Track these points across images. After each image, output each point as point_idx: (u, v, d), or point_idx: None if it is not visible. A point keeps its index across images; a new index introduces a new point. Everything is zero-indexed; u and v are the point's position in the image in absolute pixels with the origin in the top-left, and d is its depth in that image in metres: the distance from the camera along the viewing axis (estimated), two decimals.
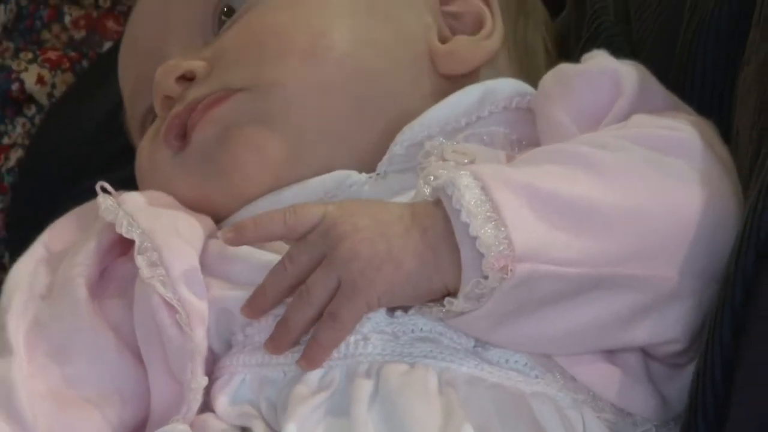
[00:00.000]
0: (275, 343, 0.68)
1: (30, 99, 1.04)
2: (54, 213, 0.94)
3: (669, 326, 0.70)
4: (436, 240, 0.67)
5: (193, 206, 0.77)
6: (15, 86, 1.03)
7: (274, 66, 0.76)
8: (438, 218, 0.67)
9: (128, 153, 0.95)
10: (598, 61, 0.78)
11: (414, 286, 0.67)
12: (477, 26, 0.81)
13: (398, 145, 0.75)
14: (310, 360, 0.67)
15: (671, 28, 0.89)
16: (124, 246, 0.75)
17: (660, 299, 0.70)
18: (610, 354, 0.72)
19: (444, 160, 0.74)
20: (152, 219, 0.74)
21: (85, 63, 1.07)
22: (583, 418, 0.69)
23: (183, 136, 0.77)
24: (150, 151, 0.79)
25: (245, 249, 0.72)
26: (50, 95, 1.03)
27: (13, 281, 0.77)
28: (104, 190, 0.76)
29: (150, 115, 0.82)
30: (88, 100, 1.03)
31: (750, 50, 0.82)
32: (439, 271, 0.67)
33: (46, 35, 1.08)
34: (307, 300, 0.67)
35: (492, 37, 0.81)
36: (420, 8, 0.82)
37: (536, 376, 0.69)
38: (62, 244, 0.80)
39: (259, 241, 0.71)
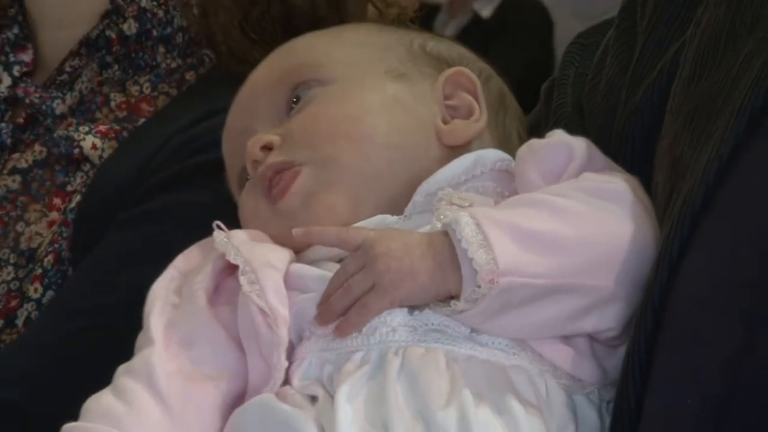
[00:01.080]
0: (323, 319, 0.83)
1: (86, 159, 1.10)
2: (101, 237, 1.05)
3: (608, 319, 0.84)
4: (444, 261, 0.82)
5: (279, 243, 0.91)
6: (76, 150, 1.09)
7: (328, 145, 0.93)
8: (446, 245, 0.82)
9: (149, 194, 1.05)
10: (558, 136, 0.93)
11: (425, 293, 0.83)
12: (469, 114, 0.97)
13: (419, 195, 0.90)
14: (341, 332, 0.82)
15: (610, 116, 1.03)
16: (231, 268, 0.89)
17: (601, 300, 0.84)
18: (566, 338, 0.85)
19: (451, 204, 0.88)
20: (251, 250, 0.89)
21: (125, 134, 1.11)
22: (546, 383, 0.83)
23: (270, 187, 0.92)
24: (253, 201, 0.94)
25: (312, 271, 0.87)
26: (100, 157, 1.10)
27: (153, 293, 0.91)
28: (219, 228, 0.90)
29: (244, 174, 0.97)
30: (127, 159, 1.08)
31: (665, 129, 0.94)
32: (445, 283, 0.82)
33: (98, 115, 1.14)
34: (348, 294, 0.82)
35: (479, 121, 0.96)
36: (429, 101, 0.97)
37: (513, 354, 0.83)
38: (188, 266, 0.94)
39: (319, 242, 0.87)
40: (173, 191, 0.99)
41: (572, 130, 0.99)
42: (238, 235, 0.92)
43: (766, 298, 0.78)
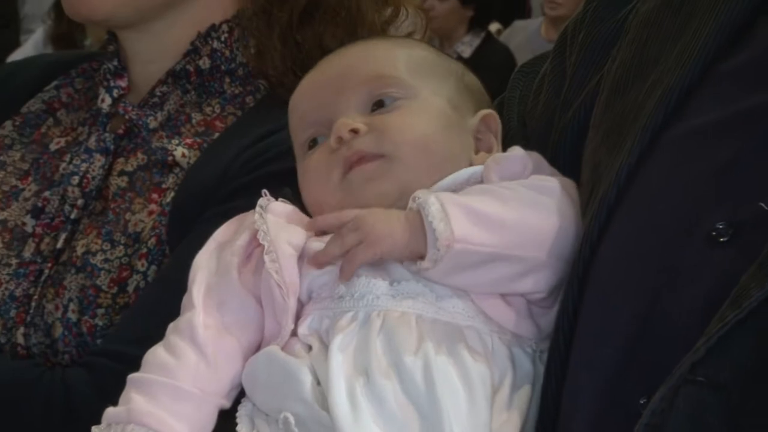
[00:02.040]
0: (317, 261, 0.97)
1: (177, 164, 1.25)
2: (192, 227, 1.18)
3: (539, 284, 0.97)
4: (415, 229, 0.95)
5: (325, 210, 1.03)
6: (170, 158, 1.25)
7: (406, 148, 1.04)
8: (418, 219, 0.95)
9: (231, 196, 1.18)
10: (517, 151, 1.06)
11: (400, 251, 0.95)
12: (489, 149, 1.10)
13: None
14: (344, 276, 0.95)
15: (547, 130, 1.15)
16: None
17: (535, 268, 0.96)
18: (509, 303, 0.97)
19: None
20: (278, 231, 1.00)
21: (205, 145, 1.25)
22: (492, 340, 0.95)
23: (351, 166, 1.03)
24: (326, 168, 1.05)
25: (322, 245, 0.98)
26: (188, 163, 1.24)
27: (196, 264, 1.04)
28: (265, 194, 1.03)
29: (311, 142, 1.09)
30: (209, 166, 1.21)
31: (588, 141, 1.05)
32: (416, 245, 0.95)
33: (182, 129, 1.29)
34: (341, 243, 0.95)
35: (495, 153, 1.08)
36: (469, 133, 1.10)
37: (468, 317, 0.95)
38: (225, 237, 1.05)
39: (324, 227, 0.99)
40: (250, 195, 1.08)
41: (517, 141, 1.12)
42: (277, 208, 1.04)
43: (655, 275, 0.91)
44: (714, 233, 0.89)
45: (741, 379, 0.83)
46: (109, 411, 0.97)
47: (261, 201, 1.03)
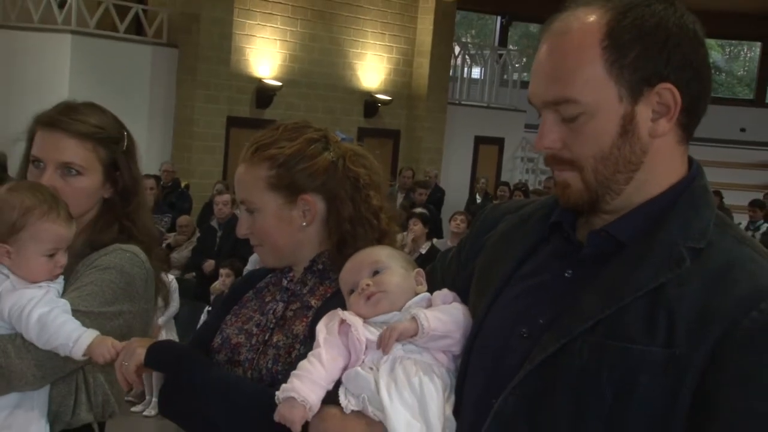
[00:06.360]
0: (383, 344, 1.70)
1: (312, 307, 2.16)
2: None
3: (457, 349, 1.74)
4: (415, 325, 1.67)
5: (361, 316, 1.78)
6: (310, 304, 2.19)
7: (388, 289, 1.89)
8: (415, 321, 1.70)
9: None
10: (447, 291, 1.79)
11: (410, 333, 1.69)
12: (421, 283, 1.90)
13: (405, 308, 1.85)
14: (386, 348, 1.72)
15: (451, 285, 1.87)
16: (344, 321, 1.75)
17: (456, 342, 1.71)
18: (446, 354, 1.72)
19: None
20: (354, 320, 1.77)
21: (323, 299, 2.18)
22: (443, 370, 1.72)
23: (368, 297, 1.80)
24: (359, 298, 1.81)
25: (369, 327, 1.77)
26: (317, 305, 2.19)
27: (318, 329, 1.81)
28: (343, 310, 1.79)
29: (350, 291, 1.84)
30: (324, 309, 2.04)
31: (470, 294, 1.79)
32: (414, 331, 1.68)
33: (317, 292, 2.25)
34: (388, 335, 1.73)
35: (425, 286, 1.85)
36: (412, 278, 1.94)
37: (432, 360, 1.72)
38: (327, 320, 1.83)
39: (395, 340, 1.73)
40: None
41: (440, 286, 1.85)
42: (348, 312, 1.80)
43: (497, 351, 1.54)
44: (521, 333, 1.53)
45: (535, 397, 1.48)
46: (284, 386, 1.71)
47: (339, 311, 1.84)
